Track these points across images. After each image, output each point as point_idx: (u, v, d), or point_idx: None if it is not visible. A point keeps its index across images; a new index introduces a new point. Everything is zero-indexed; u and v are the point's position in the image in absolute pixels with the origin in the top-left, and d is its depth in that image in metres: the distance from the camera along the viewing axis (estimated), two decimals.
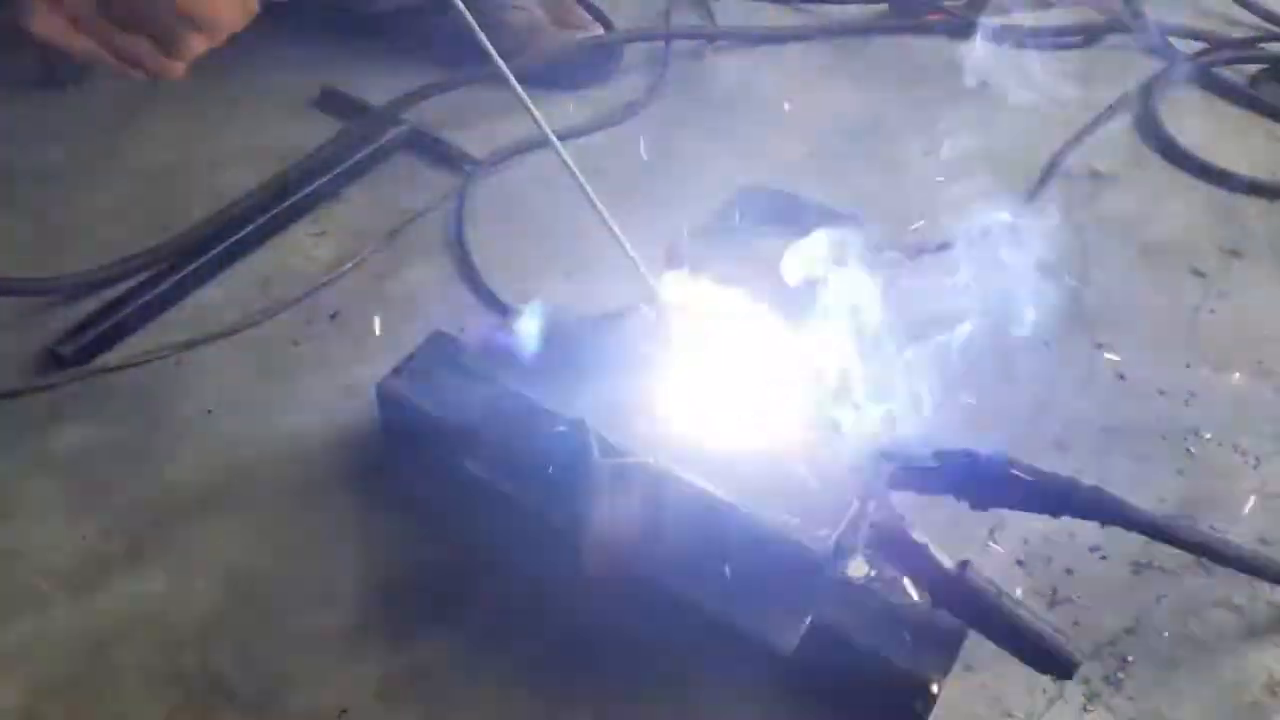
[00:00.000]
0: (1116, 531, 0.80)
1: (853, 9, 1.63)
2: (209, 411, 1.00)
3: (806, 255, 0.83)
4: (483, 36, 0.76)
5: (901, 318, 0.81)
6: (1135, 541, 0.89)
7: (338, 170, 1.24)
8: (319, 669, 0.82)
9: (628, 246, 0.81)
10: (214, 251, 1.13)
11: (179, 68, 0.82)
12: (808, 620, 0.73)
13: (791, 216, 0.92)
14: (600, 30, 1.48)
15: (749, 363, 0.82)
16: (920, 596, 0.77)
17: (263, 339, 1.08)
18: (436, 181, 1.27)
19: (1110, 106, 1.43)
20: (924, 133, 1.36)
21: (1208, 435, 1.02)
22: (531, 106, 0.79)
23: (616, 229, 0.81)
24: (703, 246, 0.90)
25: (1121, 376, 1.08)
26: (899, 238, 1.12)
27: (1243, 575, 0.86)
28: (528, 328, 0.82)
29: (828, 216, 0.89)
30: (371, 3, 1.45)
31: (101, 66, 0.80)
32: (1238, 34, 1.58)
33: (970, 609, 0.73)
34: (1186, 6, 1.67)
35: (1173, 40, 1.57)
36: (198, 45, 0.80)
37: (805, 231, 0.85)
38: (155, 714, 0.79)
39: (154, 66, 0.81)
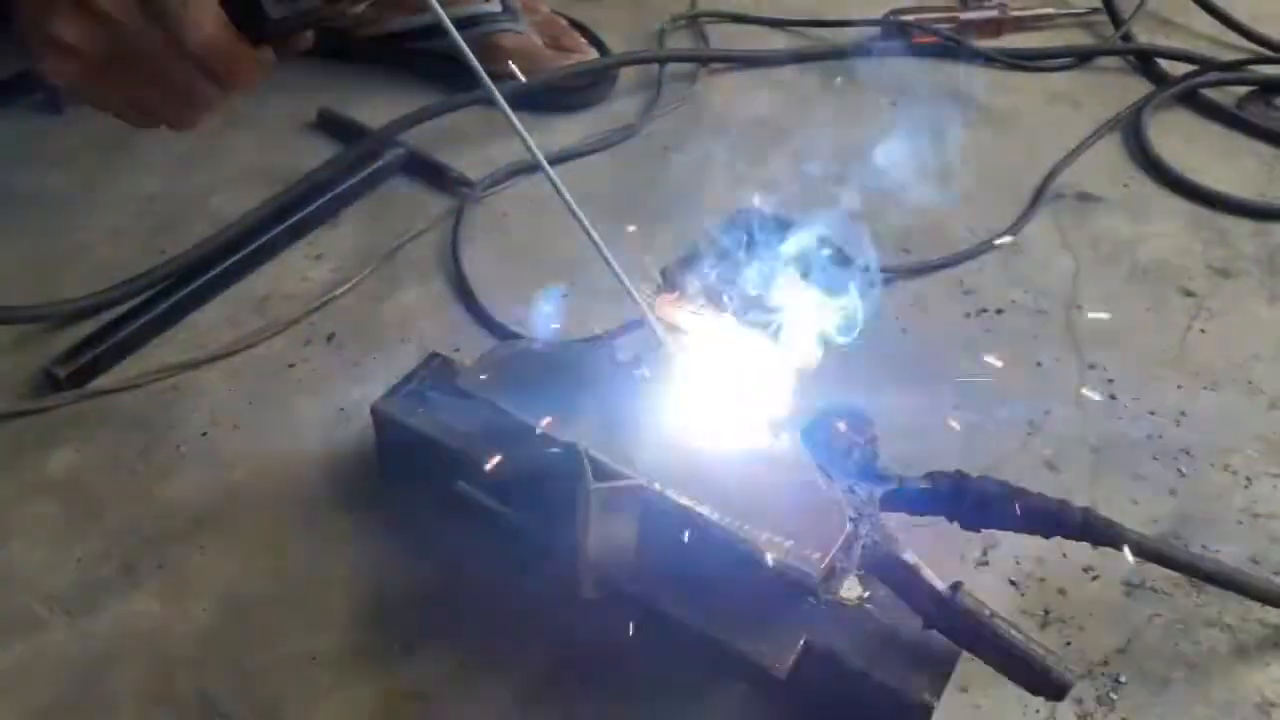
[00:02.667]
0: (1109, 551, 0.81)
1: (846, 32, 1.64)
2: (204, 434, 1.00)
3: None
4: (474, 61, 0.76)
5: None
6: (1127, 561, 0.89)
7: (334, 193, 1.25)
8: (314, 691, 0.82)
9: (619, 269, 0.81)
10: (211, 274, 1.14)
11: (195, 119, 0.82)
12: (801, 643, 0.74)
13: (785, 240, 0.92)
14: (594, 53, 1.49)
15: (741, 384, 0.82)
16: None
17: (259, 361, 1.08)
18: (433, 204, 1.28)
19: (1100, 128, 1.45)
20: (917, 156, 1.36)
21: (1199, 455, 1.02)
22: (521, 129, 0.79)
23: (607, 252, 0.81)
24: (695, 270, 0.91)
25: (1113, 396, 1.08)
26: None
27: (1234, 595, 0.87)
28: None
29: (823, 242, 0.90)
30: (368, 26, 1.47)
31: (118, 116, 0.81)
32: (1226, 56, 1.59)
33: (963, 631, 0.73)
34: (1175, 29, 1.69)
35: (1162, 62, 1.58)
36: (214, 98, 0.81)
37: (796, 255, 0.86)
38: None
39: (171, 118, 0.82)
